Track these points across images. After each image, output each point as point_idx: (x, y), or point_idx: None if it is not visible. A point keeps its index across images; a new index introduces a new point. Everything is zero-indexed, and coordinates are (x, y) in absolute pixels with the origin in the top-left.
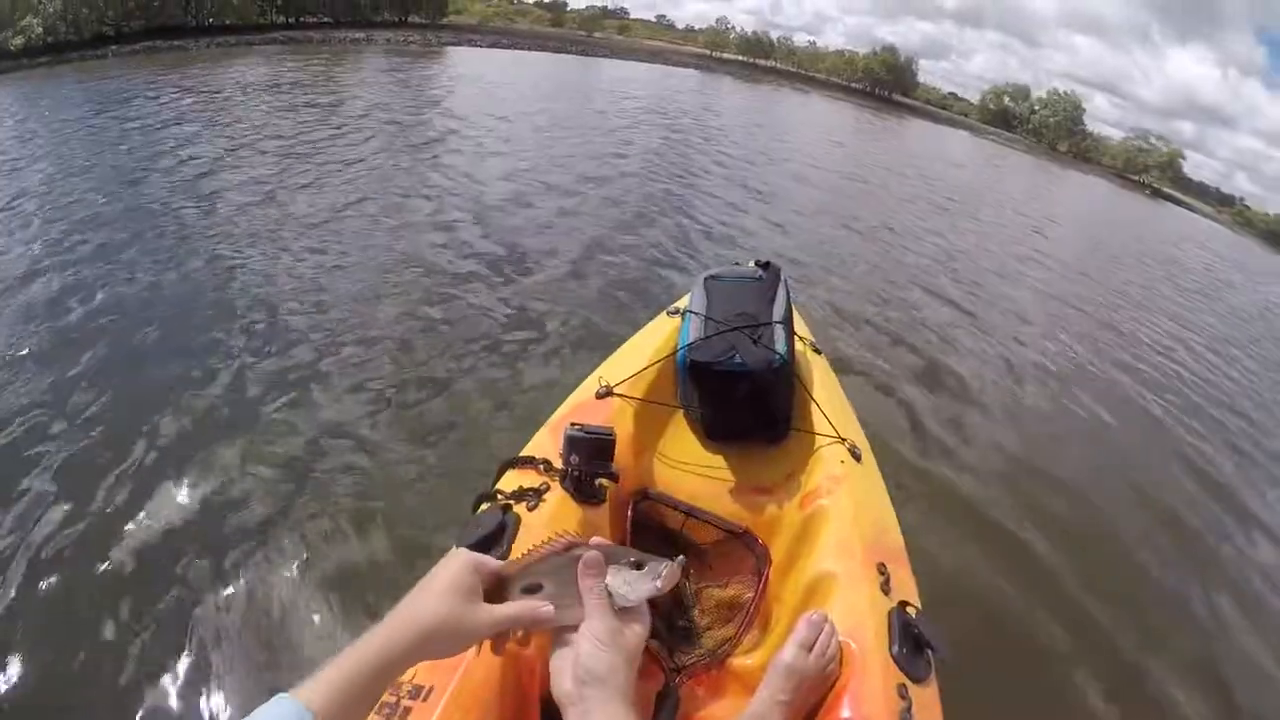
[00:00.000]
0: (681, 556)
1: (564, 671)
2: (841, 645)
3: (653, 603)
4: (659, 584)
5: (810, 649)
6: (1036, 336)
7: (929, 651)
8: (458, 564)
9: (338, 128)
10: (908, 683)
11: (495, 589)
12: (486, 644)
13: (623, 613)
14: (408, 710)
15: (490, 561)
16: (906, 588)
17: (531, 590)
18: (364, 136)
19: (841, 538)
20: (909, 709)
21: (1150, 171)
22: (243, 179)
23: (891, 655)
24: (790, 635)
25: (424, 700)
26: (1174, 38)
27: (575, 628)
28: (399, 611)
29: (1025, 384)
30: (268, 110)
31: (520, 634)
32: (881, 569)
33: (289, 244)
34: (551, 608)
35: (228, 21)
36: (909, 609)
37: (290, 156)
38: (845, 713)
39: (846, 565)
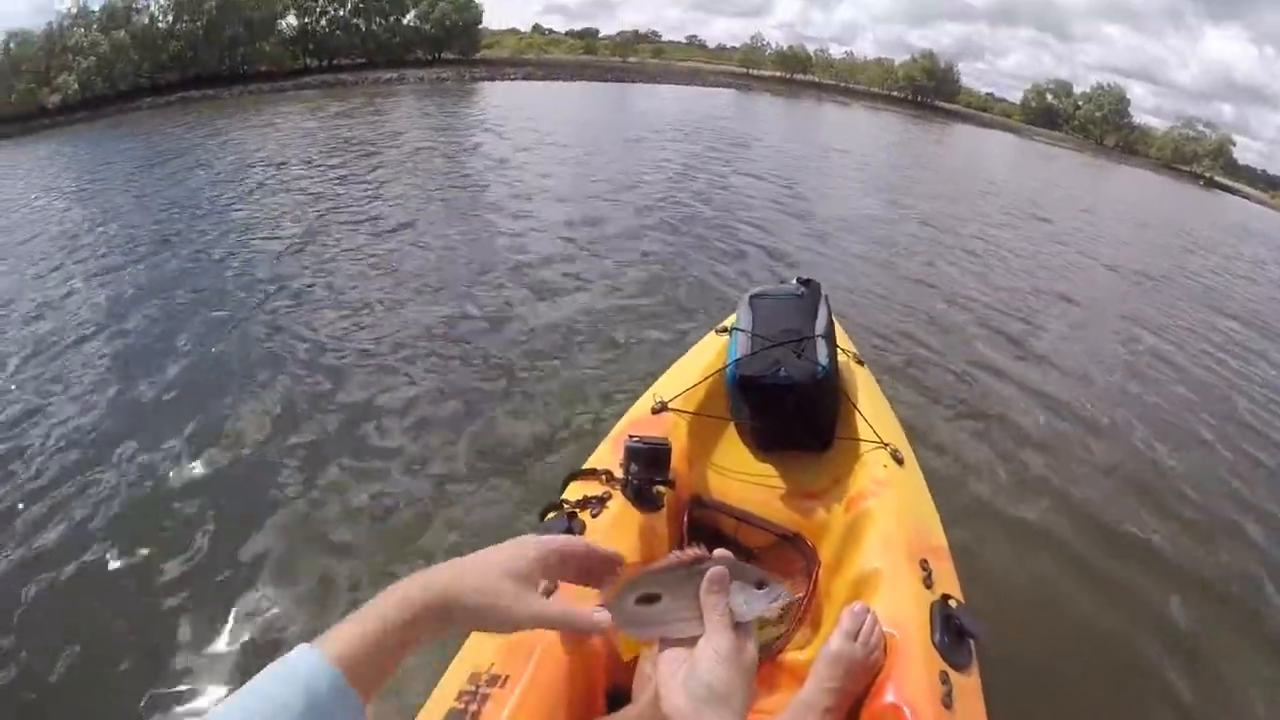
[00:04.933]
0: (801, 595)
1: (675, 688)
2: (885, 636)
3: None
4: (777, 605)
5: (855, 637)
6: (1089, 344)
7: (970, 640)
8: (517, 545)
9: (374, 171)
10: (949, 670)
11: (584, 577)
12: (557, 636)
13: (740, 630)
14: (486, 697)
15: (578, 547)
16: (948, 582)
17: (649, 600)
18: (403, 177)
19: (885, 537)
20: (950, 693)
21: (1201, 160)
22: (288, 222)
23: (933, 644)
24: (836, 626)
25: (501, 687)
26: (1206, 17)
27: (687, 642)
28: (434, 570)
29: (1074, 391)
30: (306, 156)
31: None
32: (924, 565)
33: (341, 281)
34: (609, 616)
35: (262, 68)
36: (951, 601)
37: (327, 199)
38: (889, 698)
39: (890, 562)
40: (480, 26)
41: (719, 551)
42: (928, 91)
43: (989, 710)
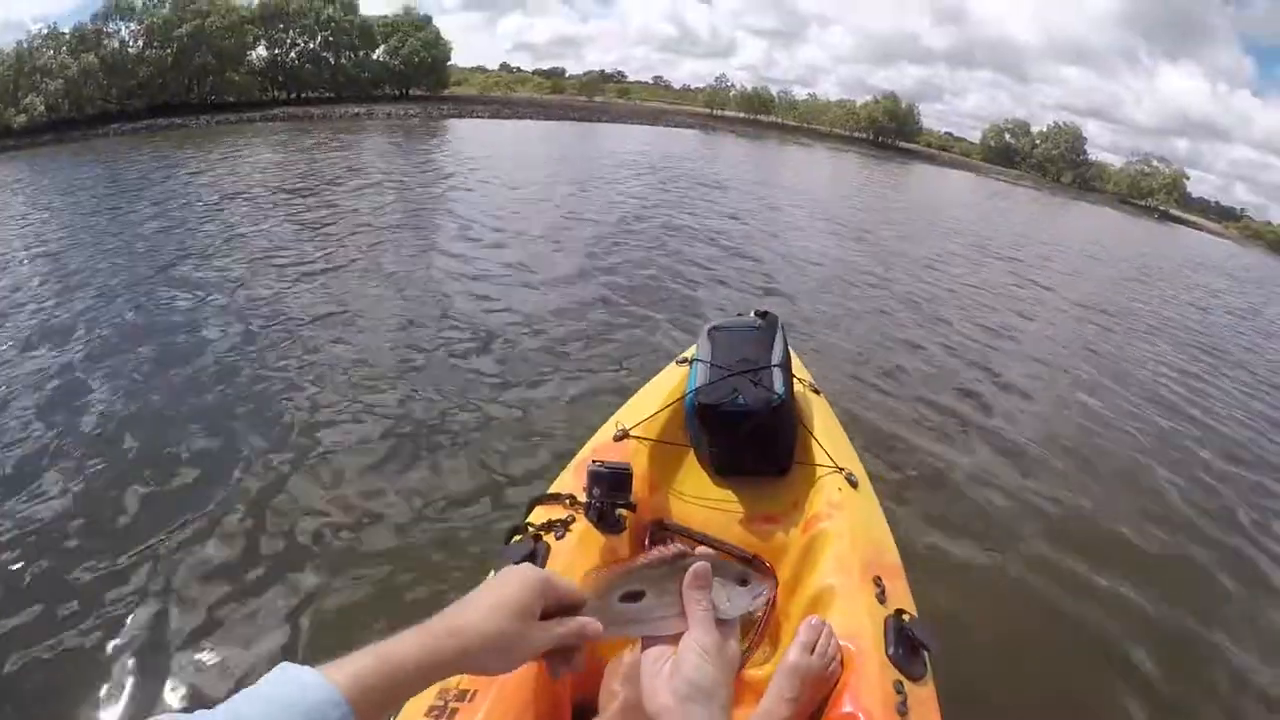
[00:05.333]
0: (774, 579)
1: (660, 686)
2: (841, 648)
3: None
4: (760, 601)
5: (812, 650)
6: (1040, 373)
7: (924, 652)
8: (520, 582)
9: (337, 208)
10: (904, 679)
11: (582, 595)
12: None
13: (723, 626)
14: (455, 712)
15: (560, 583)
16: (902, 597)
17: (632, 597)
18: (364, 213)
19: (841, 557)
20: (905, 702)
21: (1156, 195)
22: (245, 256)
23: (888, 656)
24: (793, 640)
25: (469, 702)
26: (1162, 57)
27: (670, 639)
28: (453, 616)
29: (1024, 417)
30: (270, 189)
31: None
32: (878, 581)
33: (296, 317)
34: (600, 625)
35: (229, 99)
36: (904, 615)
37: (287, 235)
38: (846, 708)
39: (845, 580)
40: (449, 64)
41: (701, 549)
42: (889, 132)
43: (944, 718)
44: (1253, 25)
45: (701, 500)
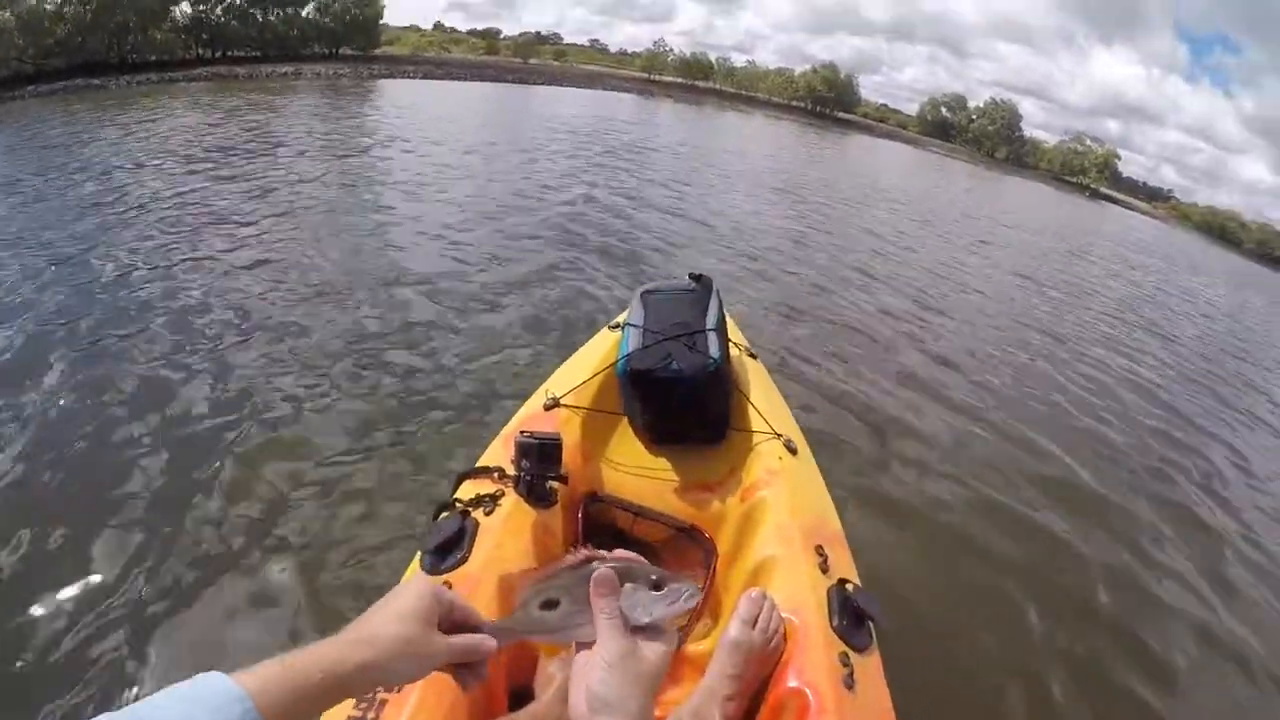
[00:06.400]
0: (699, 585)
1: (579, 694)
2: (785, 621)
3: None
4: (678, 607)
5: (754, 625)
6: (974, 338)
7: (869, 622)
8: (418, 589)
9: (261, 172)
10: (849, 651)
11: (502, 603)
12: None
13: (641, 632)
14: (384, 703)
15: (448, 595)
16: (845, 567)
17: (549, 606)
18: (292, 178)
19: (780, 525)
20: (851, 675)
21: (1089, 173)
22: (170, 222)
23: (832, 627)
24: (733, 614)
25: (398, 692)
26: (1098, 40)
27: (593, 645)
28: (356, 628)
29: (957, 379)
30: (192, 153)
31: (488, 665)
32: (820, 551)
33: (221, 289)
34: (494, 642)
35: (151, 58)
36: (848, 585)
37: (211, 200)
38: (791, 683)
39: (786, 550)
40: (381, 22)
41: (619, 551)
42: (827, 102)
43: (891, 688)
44: (1189, 13)
45: (636, 470)
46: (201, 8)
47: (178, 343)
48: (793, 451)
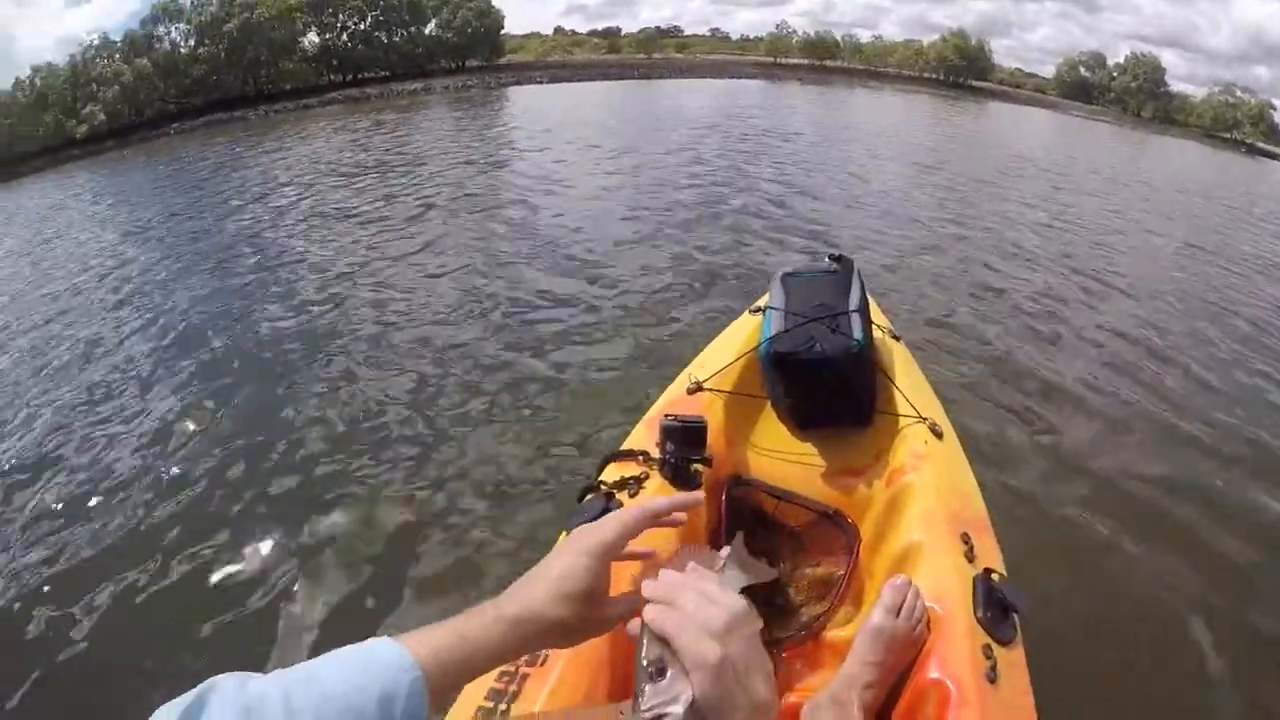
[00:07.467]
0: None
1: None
2: (928, 610)
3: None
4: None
5: (897, 612)
6: (1135, 317)
7: (1014, 615)
8: (585, 572)
9: (407, 184)
10: (993, 644)
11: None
12: None
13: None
14: (526, 676)
15: (616, 541)
16: (990, 555)
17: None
18: (438, 184)
19: (926, 511)
20: (994, 668)
21: (1243, 126)
22: (320, 244)
23: (976, 618)
24: (877, 601)
25: (541, 665)
26: None
27: None
28: (520, 602)
29: (1126, 371)
30: (335, 173)
31: None
32: (965, 538)
33: (386, 295)
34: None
35: (286, 87)
36: (993, 575)
37: (361, 216)
38: (933, 673)
39: (931, 536)
40: (502, 32)
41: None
42: (960, 71)
43: (1034, 685)
44: None
45: (780, 453)
46: (327, 36)
47: (359, 344)
48: (939, 436)
